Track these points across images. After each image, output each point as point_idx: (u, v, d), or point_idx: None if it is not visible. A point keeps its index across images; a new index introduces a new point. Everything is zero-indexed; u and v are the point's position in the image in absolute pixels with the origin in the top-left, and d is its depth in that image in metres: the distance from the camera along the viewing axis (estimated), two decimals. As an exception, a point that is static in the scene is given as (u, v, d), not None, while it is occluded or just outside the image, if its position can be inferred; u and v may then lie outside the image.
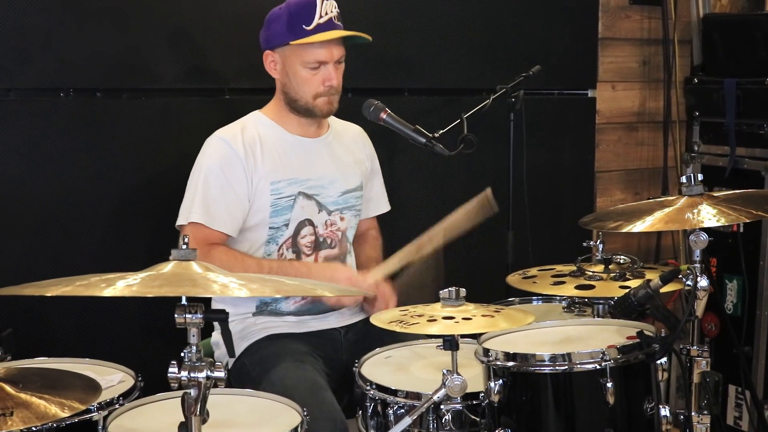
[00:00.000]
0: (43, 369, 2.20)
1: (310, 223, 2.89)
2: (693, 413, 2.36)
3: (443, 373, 2.11)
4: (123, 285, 1.71)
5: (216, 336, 2.93)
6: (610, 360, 2.10)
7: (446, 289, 2.12)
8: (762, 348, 3.83)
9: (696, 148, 4.24)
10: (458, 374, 2.07)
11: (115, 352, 2.71)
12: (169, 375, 1.82)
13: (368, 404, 2.44)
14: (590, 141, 4.14)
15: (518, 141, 3.41)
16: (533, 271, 2.85)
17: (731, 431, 3.94)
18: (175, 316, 1.81)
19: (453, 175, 3.76)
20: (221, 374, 1.82)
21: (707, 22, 4.21)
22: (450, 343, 2.05)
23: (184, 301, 1.80)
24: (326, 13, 2.78)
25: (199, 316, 1.81)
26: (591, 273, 2.67)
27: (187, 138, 3.20)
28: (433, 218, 3.73)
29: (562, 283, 2.67)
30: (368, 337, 2.89)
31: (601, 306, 2.68)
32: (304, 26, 2.77)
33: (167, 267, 1.84)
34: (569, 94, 4.09)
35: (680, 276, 2.22)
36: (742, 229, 3.90)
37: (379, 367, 2.57)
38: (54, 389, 1.96)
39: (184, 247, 1.84)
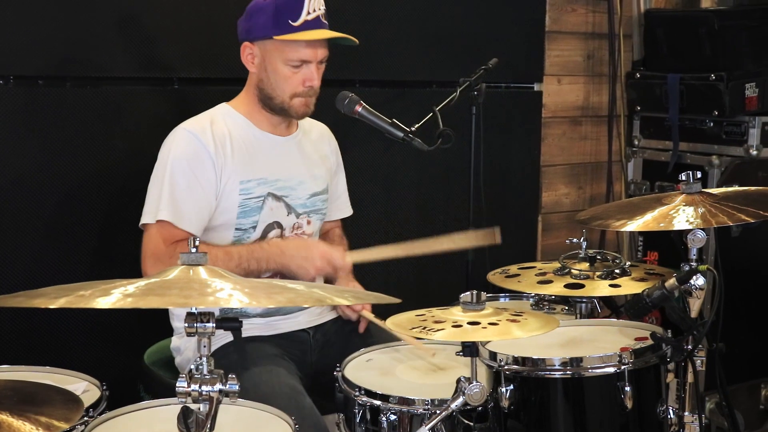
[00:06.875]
0: (16, 382, 2.02)
1: (279, 225, 2.74)
2: (686, 413, 2.32)
3: (460, 380, 2.00)
4: (140, 294, 1.55)
5: (176, 341, 2.77)
6: (628, 363, 2.05)
7: (467, 293, 2.02)
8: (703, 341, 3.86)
9: (636, 143, 4.28)
10: (477, 381, 1.97)
11: (65, 358, 2.55)
12: (177, 389, 1.67)
13: (356, 410, 2.33)
14: (537, 135, 4.11)
15: (476, 136, 3.33)
16: (513, 269, 2.78)
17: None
18: (185, 325, 1.68)
19: (405, 171, 3.68)
20: (235, 387, 1.69)
21: (650, 18, 4.23)
22: (470, 349, 1.95)
23: (193, 309, 1.67)
24: (314, 10, 2.63)
25: (211, 325, 1.68)
26: (577, 271, 2.60)
27: (134, 129, 3.11)
28: (384, 214, 3.67)
29: (549, 282, 2.60)
30: (337, 338, 2.82)
31: (583, 305, 2.63)
32: (290, 21, 2.61)
33: (173, 273, 1.70)
34: (516, 87, 4.05)
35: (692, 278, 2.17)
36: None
37: (363, 371, 2.47)
38: (33, 405, 1.80)
39: (194, 250, 1.70)
